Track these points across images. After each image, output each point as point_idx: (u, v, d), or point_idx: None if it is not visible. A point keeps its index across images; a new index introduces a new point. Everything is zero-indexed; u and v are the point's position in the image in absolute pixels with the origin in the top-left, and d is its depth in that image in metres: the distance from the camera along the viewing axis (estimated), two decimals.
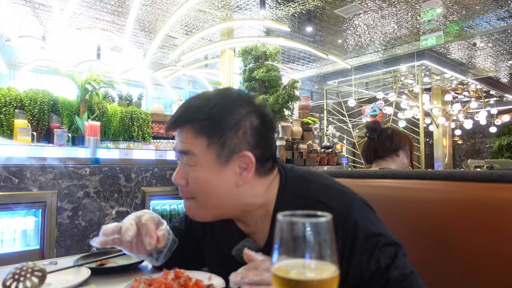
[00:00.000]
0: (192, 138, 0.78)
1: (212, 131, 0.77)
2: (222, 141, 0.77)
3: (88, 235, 2.45)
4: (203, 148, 0.78)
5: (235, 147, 0.78)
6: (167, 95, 11.09)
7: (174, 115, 0.83)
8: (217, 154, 0.78)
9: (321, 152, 4.48)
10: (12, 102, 2.73)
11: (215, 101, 0.80)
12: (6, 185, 2.18)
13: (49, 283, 0.83)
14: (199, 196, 0.81)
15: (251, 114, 0.80)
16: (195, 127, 0.78)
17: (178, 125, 0.81)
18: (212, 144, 0.77)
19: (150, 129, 3.52)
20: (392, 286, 0.73)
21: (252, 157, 0.79)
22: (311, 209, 0.76)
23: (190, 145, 0.78)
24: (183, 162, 0.81)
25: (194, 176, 0.79)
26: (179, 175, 0.81)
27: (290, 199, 0.83)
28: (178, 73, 7.98)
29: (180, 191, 0.84)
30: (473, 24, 7.36)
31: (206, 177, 0.78)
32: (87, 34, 7.33)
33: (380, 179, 1.21)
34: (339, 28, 7.57)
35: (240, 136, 0.78)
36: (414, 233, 1.05)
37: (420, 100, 9.35)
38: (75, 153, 2.67)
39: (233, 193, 0.80)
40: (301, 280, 0.46)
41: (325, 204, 0.78)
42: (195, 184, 0.80)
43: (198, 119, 0.78)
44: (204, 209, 0.82)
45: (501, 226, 0.89)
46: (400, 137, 1.99)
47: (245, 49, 4.68)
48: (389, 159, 1.97)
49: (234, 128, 0.78)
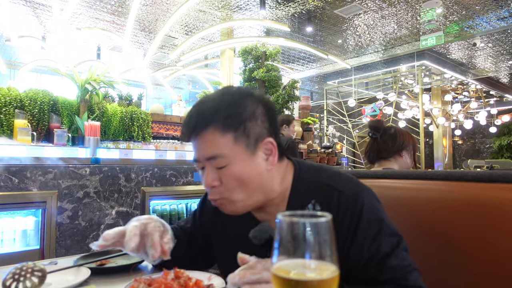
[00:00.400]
0: (219, 137, 0.80)
1: (236, 126, 0.80)
2: (246, 133, 0.81)
3: (88, 235, 2.45)
4: (231, 144, 0.80)
5: (258, 136, 0.83)
6: (167, 95, 11.09)
7: (189, 124, 0.83)
8: (246, 145, 0.81)
9: (321, 152, 4.49)
10: (12, 102, 2.73)
11: (226, 99, 0.84)
12: (6, 185, 2.18)
13: (49, 283, 0.83)
14: (234, 193, 0.82)
15: (258, 103, 0.85)
16: (219, 127, 0.80)
17: (200, 130, 0.81)
18: (238, 137, 0.80)
19: (150, 129, 3.52)
20: (388, 274, 0.75)
21: (274, 142, 0.85)
22: (324, 194, 0.83)
23: (217, 147, 0.80)
24: (212, 166, 0.81)
25: (230, 174, 0.81)
26: (211, 178, 0.82)
27: (304, 186, 0.87)
28: (178, 73, 7.98)
29: (212, 193, 0.84)
30: (473, 24, 7.37)
31: (241, 170, 0.81)
32: (87, 34, 7.33)
33: (380, 179, 1.21)
34: (339, 28, 7.57)
35: (260, 124, 0.83)
36: (414, 233, 1.05)
37: (420, 100, 9.35)
38: (75, 153, 2.67)
39: (265, 178, 0.84)
40: (301, 280, 0.46)
41: (337, 189, 0.83)
42: (233, 180, 0.81)
43: (219, 119, 0.80)
44: (240, 202, 0.84)
45: (501, 226, 0.89)
46: (403, 137, 1.95)
47: (245, 49, 4.69)
48: (392, 160, 1.93)
49: (252, 118, 0.82)
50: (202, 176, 0.85)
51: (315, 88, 12.76)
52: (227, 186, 0.82)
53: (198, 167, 0.86)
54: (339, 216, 0.80)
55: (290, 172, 0.90)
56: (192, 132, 0.82)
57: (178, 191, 2.93)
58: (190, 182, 3.02)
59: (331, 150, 4.78)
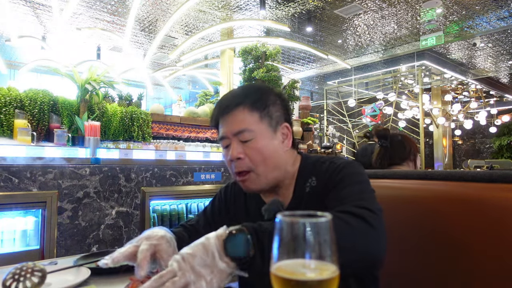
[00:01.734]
0: (248, 115, 0.95)
1: (262, 107, 0.96)
2: (270, 114, 0.97)
3: (88, 235, 2.45)
4: (257, 121, 0.95)
5: (278, 119, 0.99)
6: (167, 95, 11.09)
7: (221, 105, 0.98)
8: (268, 123, 0.97)
9: (321, 152, 4.48)
10: (12, 102, 2.73)
11: (254, 87, 1.04)
12: (6, 185, 2.18)
13: (49, 283, 0.83)
14: (258, 166, 0.94)
15: (277, 94, 1.03)
16: (247, 107, 0.95)
17: (232, 109, 0.95)
18: (263, 117, 0.96)
19: (150, 129, 3.51)
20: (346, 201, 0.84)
21: (289, 127, 1.02)
22: (324, 170, 0.98)
23: (246, 123, 0.94)
24: (238, 140, 0.94)
25: (254, 147, 0.94)
26: (237, 151, 0.94)
27: (308, 168, 1.01)
28: (178, 73, 7.98)
29: (238, 165, 0.95)
30: (473, 24, 7.36)
31: (264, 145, 0.95)
32: (87, 34, 7.33)
33: (380, 179, 1.21)
34: (339, 28, 7.57)
35: (280, 110, 1.00)
36: (414, 233, 1.05)
37: (420, 100, 9.35)
38: (75, 153, 2.67)
39: (282, 157, 0.98)
40: (301, 280, 0.46)
41: (331, 162, 0.98)
42: (257, 153, 0.94)
43: (248, 101, 0.96)
44: (262, 177, 0.96)
45: (501, 226, 0.89)
46: (410, 143, 2.02)
47: (245, 49, 4.68)
48: (405, 165, 1.99)
49: (274, 104, 0.99)
50: (227, 152, 0.96)
51: (315, 88, 12.76)
52: (251, 158, 0.94)
53: (223, 144, 0.98)
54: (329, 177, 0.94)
55: (298, 160, 1.04)
56: (225, 110, 0.96)
57: (178, 191, 2.93)
58: (190, 182, 3.02)
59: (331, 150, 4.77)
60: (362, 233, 0.75)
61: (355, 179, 0.91)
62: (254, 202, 1.08)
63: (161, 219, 2.91)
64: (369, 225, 0.75)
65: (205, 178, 3.12)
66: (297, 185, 1.01)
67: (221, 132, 0.98)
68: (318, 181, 0.97)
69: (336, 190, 0.90)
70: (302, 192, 0.99)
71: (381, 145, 2.02)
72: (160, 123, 3.71)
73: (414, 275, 1.04)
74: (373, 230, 0.75)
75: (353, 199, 0.83)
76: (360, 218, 0.76)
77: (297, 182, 1.01)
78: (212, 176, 3.18)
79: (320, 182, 0.96)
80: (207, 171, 3.14)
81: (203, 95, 6.11)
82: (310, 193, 0.97)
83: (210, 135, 4.04)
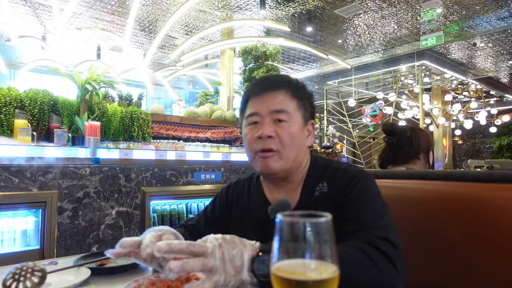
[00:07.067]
0: (289, 99, 0.98)
1: (301, 97, 1.01)
2: (305, 107, 1.01)
3: (88, 235, 2.45)
4: (295, 108, 0.99)
5: (309, 115, 1.03)
6: (167, 95, 11.09)
7: (267, 81, 1.01)
8: (302, 115, 1.00)
9: (321, 152, 4.48)
10: (12, 102, 2.73)
11: (295, 79, 1.05)
12: (6, 185, 2.18)
13: (49, 283, 0.83)
14: (285, 148, 0.96)
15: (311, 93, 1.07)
16: (290, 92, 0.99)
17: (277, 88, 0.98)
18: (300, 106, 1.00)
19: (150, 129, 3.51)
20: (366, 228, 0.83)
21: (315, 125, 1.06)
22: (333, 175, 0.99)
23: (286, 105, 0.97)
24: (271, 119, 0.96)
25: (288, 131, 0.96)
26: (269, 129, 0.95)
27: (318, 170, 1.02)
28: (178, 73, 7.98)
29: (268, 143, 0.95)
30: (473, 24, 7.36)
31: (295, 131, 0.97)
32: (87, 34, 7.33)
33: (380, 179, 1.21)
34: (339, 28, 7.57)
35: (311, 108, 1.04)
36: (414, 233, 1.05)
37: (420, 100, 9.35)
38: (75, 153, 2.67)
39: (303, 149, 1.01)
40: (301, 280, 0.46)
41: (344, 170, 0.98)
42: (288, 136, 0.96)
43: (292, 88, 1.00)
44: (284, 161, 0.97)
45: (501, 226, 0.89)
46: (419, 139, 1.82)
47: (245, 49, 4.69)
48: (411, 163, 1.81)
49: (309, 100, 1.03)
50: (252, 130, 0.98)
51: (315, 88, 12.75)
52: (281, 138, 0.95)
53: (251, 120, 0.99)
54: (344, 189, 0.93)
55: (309, 160, 1.06)
56: (271, 86, 0.99)
57: (178, 191, 2.93)
58: (190, 182, 3.02)
59: (331, 150, 4.78)
60: (385, 273, 0.76)
61: (372, 195, 0.92)
62: (259, 201, 1.07)
63: (161, 219, 2.91)
64: (393, 266, 0.76)
65: (205, 178, 3.12)
66: (305, 186, 1.01)
67: (252, 108, 0.98)
68: (330, 188, 0.97)
69: (355, 206, 0.89)
70: (310, 195, 0.99)
71: (387, 142, 1.88)
72: (160, 123, 3.71)
73: (414, 274, 1.04)
74: (395, 270, 0.76)
75: (374, 225, 0.84)
76: (383, 255, 0.77)
77: (305, 183, 1.01)
78: (212, 176, 3.18)
79: (333, 190, 0.96)
80: (207, 171, 3.14)
81: (203, 95, 6.12)
82: (319, 197, 0.97)
83: (210, 135, 4.04)
